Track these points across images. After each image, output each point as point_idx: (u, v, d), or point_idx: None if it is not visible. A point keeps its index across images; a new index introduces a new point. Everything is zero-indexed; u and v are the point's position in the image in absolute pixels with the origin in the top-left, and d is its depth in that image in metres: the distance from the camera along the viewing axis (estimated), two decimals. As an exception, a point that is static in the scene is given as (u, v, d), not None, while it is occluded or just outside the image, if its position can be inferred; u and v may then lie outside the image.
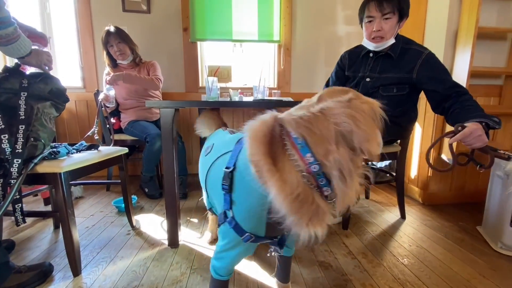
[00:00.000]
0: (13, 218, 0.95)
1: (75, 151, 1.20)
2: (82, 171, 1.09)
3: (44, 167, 0.97)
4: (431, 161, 1.09)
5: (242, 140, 0.64)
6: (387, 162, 2.06)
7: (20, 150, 0.93)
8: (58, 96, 1.10)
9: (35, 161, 0.97)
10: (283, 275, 0.95)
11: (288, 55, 2.52)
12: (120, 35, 1.89)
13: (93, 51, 2.37)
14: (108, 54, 1.95)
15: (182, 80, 2.49)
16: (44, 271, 1.03)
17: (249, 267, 1.11)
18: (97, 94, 1.92)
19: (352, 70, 1.53)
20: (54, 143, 1.21)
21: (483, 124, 1.02)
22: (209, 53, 2.61)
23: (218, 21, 2.41)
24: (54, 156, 1.04)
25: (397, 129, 1.43)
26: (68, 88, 2.48)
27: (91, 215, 1.65)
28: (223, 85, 2.30)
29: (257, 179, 0.53)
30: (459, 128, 0.99)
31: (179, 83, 2.50)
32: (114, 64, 2.00)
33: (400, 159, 1.51)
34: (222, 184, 0.65)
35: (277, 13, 2.44)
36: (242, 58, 2.64)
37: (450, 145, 1.01)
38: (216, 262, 0.73)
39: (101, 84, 2.39)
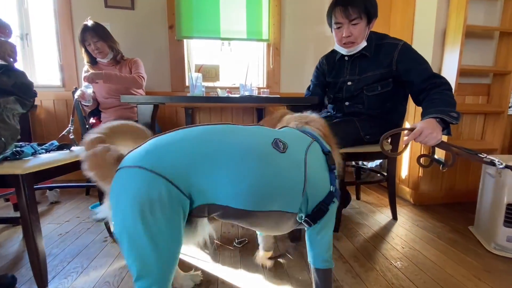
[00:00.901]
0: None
1: (43, 151, 1.09)
2: (50, 173, 0.99)
3: (4, 168, 0.87)
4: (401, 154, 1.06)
5: (308, 131, 0.81)
6: (377, 162, 2.03)
7: (-26, 149, 0.82)
8: (24, 91, 1.00)
9: (-6, 161, 0.87)
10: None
11: (277, 54, 2.48)
12: (97, 33, 1.77)
13: (73, 48, 2.26)
14: (86, 51, 1.85)
15: (167, 79, 2.40)
16: (6, 285, 0.92)
17: (234, 275, 1.04)
18: (75, 92, 1.81)
19: (333, 75, 1.48)
20: (20, 143, 1.10)
21: (438, 119, 0.98)
22: (196, 52, 2.54)
23: (206, 19, 2.34)
24: (17, 156, 0.94)
25: (388, 126, 1.39)
26: (46, 87, 2.38)
27: (66, 221, 1.53)
28: (210, 84, 2.23)
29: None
30: (411, 127, 0.99)
31: (164, 82, 2.41)
32: (93, 61, 1.90)
33: (391, 159, 1.47)
34: (330, 165, 0.74)
35: (266, 12, 2.40)
36: (231, 57, 2.57)
37: (405, 146, 1.01)
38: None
39: (81, 82, 2.27)
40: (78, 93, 1.71)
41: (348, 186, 1.83)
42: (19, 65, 2.31)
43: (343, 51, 1.35)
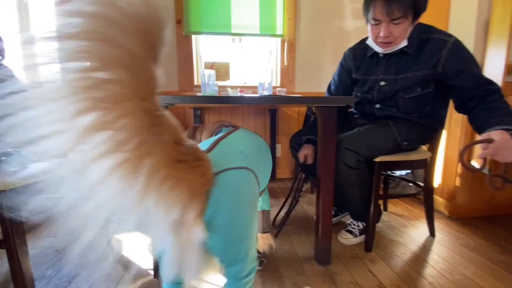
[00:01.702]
0: None
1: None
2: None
3: (-18, 184, 0.72)
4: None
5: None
6: (403, 172, 1.84)
7: None
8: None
9: (-29, 175, 0.72)
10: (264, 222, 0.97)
11: (292, 50, 2.30)
12: None
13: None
14: None
15: (175, 77, 2.25)
16: (-15, 321, 0.78)
17: None
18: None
19: (362, 72, 1.28)
20: (9, 150, 0.96)
21: (510, 132, 0.84)
22: (206, 49, 2.38)
23: (216, 13, 2.18)
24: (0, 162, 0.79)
25: (426, 131, 1.21)
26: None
27: (65, 233, 1.39)
28: (220, 83, 2.07)
29: None
30: (487, 138, 0.83)
31: (171, 81, 2.26)
32: None
33: (430, 168, 1.29)
34: None
35: (280, 5, 2.22)
36: (242, 54, 2.41)
37: (461, 155, 0.83)
38: None
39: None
40: None
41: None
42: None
43: (377, 49, 1.16)
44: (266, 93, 1.39)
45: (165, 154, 0.43)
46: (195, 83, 2.30)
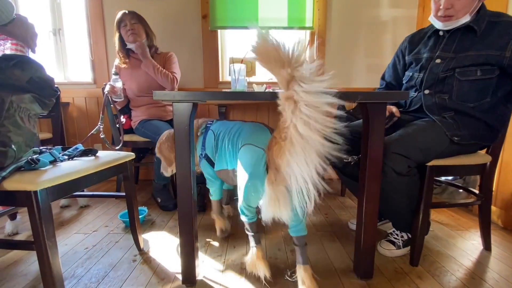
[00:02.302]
0: None
1: (66, 157, 0.93)
2: (70, 187, 0.81)
3: (13, 183, 0.70)
4: None
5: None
6: (449, 177, 1.66)
7: (-21, 160, 0.66)
8: (41, 88, 0.83)
9: (3, 174, 0.70)
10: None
11: (322, 44, 2.17)
12: (136, 15, 1.67)
13: (104, 41, 2.15)
14: (120, 37, 1.69)
15: (200, 74, 2.21)
16: (17, 322, 0.77)
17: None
18: (105, 88, 1.67)
19: (415, 53, 1.17)
20: (41, 147, 0.95)
21: None
22: (231, 44, 2.31)
23: (242, 6, 2.10)
24: (33, 165, 0.77)
25: (482, 128, 1.05)
26: (78, 84, 2.31)
27: (94, 231, 1.39)
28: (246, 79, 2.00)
29: None
30: None
31: (196, 77, 2.22)
32: (125, 51, 1.74)
33: (489, 174, 1.12)
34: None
35: (310, -5, 2.09)
36: (268, 49, 2.31)
37: None
38: None
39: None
40: (107, 88, 1.57)
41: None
42: (51, 61, 2.27)
43: (437, 24, 1.05)
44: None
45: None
46: (220, 79, 2.25)
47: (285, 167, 0.72)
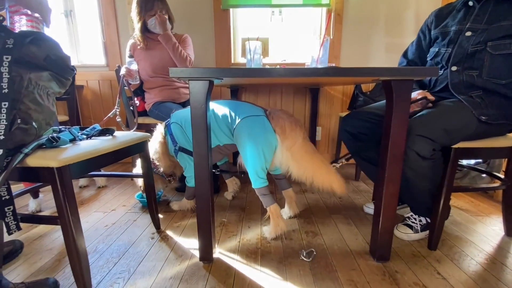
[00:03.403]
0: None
1: (84, 136, 0.94)
2: (90, 165, 0.82)
3: (36, 159, 0.71)
4: None
5: None
6: (471, 161, 1.59)
7: (2, 137, 0.67)
8: (59, 67, 0.82)
9: (26, 150, 0.71)
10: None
11: (339, 22, 2.07)
12: (165, 3, 1.62)
13: (115, 22, 2.12)
14: (144, 22, 1.63)
15: (211, 55, 2.16)
16: (47, 292, 0.81)
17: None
18: (118, 70, 1.67)
19: (442, 26, 1.09)
20: (60, 127, 0.96)
21: None
22: (243, 23, 2.24)
23: (255, -17, 2.00)
24: (54, 143, 0.78)
25: None
26: (91, 67, 2.32)
27: (113, 209, 1.43)
28: (260, 60, 1.94)
29: None
30: None
31: (208, 58, 2.18)
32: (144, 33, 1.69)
33: (516, 157, 1.07)
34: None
35: (328, -31, 1.97)
36: (282, 28, 2.23)
37: None
38: None
39: (124, 60, 2.15)
40: (123, 70, 1.56)
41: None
42: (64, 44, 2.27)
43: None
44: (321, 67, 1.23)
45: None
46: (232, 61, 2.20)
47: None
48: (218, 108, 1.17)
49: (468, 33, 0.99)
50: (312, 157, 1.06)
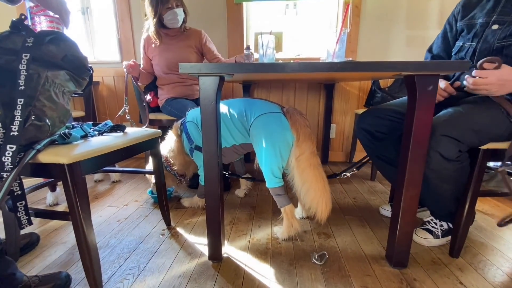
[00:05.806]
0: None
1: (96, 133, 0.94)
2: (101, 161, 0.82)
3: (48, 155, 0.71)
4: None
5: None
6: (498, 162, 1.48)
7: (16, 133, 0.67)
8: (75, 67, 0.82)
9: (38, 147, 0.72)
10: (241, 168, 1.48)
11: (356, 14, 1.98)
12: None
13: (129, 19, 2.13)
14: (159, 17, 1.61)
15: (224, 49, 2.13)
16: (59, 286, 0.82)
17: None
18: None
19: (468, 18, 1.01)
20: (72, 123, 0.97)
21: None
22: (257, 18, 2.19)
23: (269, -25, 1.95)
24: (66, 139, 0.78)
25: None
26: (107, 63, 2.35)
27: (125, 204, 1.45)
28: (273, 55, 1.89)
29: None
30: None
31: (221, 53, 2.12)
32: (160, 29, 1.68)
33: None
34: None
35: (346, -41, 1.88)
36: (296, 23, 2.16)
37: None
38: None
39: (138, 55, 2.16)
40: (125, 63, 1.60)
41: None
42: (80, 40, 2.31)
43: None
44: (337, 61, 1.18)
45: None
46: (245, 56, 2.15)
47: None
48: (233, 107, 1.15)
49: (495, 26, 0.91)
50: (314, 172, 1.02)
